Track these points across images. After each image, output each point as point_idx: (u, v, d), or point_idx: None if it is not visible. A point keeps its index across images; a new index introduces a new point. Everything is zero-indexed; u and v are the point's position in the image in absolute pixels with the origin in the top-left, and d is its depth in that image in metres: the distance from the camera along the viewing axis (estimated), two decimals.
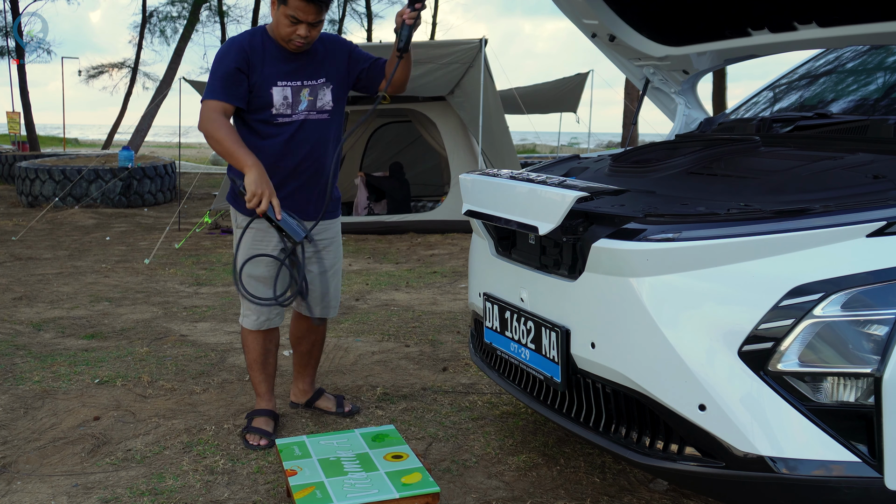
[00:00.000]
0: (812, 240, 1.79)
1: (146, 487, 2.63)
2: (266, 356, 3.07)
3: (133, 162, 11.74)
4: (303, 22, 2.72)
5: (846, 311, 1.72)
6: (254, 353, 3.06)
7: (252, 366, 3.08)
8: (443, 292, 5.87)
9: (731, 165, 2.42)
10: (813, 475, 1.75)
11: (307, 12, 2.70)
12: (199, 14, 20.45)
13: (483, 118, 8.11)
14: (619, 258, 2.00)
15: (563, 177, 2.48)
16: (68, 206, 10.96)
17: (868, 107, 2.89)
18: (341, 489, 2.32)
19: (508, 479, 2.70)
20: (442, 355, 4.15)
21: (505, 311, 2.54)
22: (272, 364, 3.11)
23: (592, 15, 3.15)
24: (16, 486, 2.65)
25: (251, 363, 3.08)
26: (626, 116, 14.49)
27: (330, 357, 4.12)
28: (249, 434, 2.98)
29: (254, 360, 3.07)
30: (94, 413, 3.28)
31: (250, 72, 2.78)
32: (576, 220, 2.16)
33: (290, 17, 2.71)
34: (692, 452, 1.95)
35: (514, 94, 11.42)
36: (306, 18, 2.72)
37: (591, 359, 2.13)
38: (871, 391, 1.71)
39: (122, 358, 4.08)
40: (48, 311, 5.17)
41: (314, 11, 2.71)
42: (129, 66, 24.51)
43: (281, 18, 2.74)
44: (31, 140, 18.44)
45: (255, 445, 2.93)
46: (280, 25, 2.75)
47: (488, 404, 3.41)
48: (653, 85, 3.56)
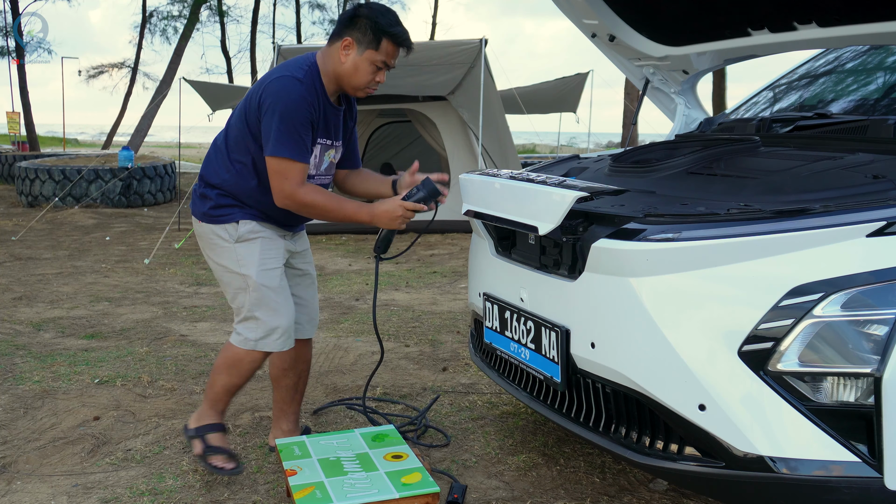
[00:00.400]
0: (812, 240, 1.79)
1: (146, 487, 2.63)
2: (251, 377, 2.70)
3: (133, 162, 11.74)
4: (388, 67, 2.47)
5: (846, 310, 1.72)
6: (247, 376, 2.65)
7: (232, 389, 2.67)
8: (443, 292, 5.87)
9: (731, 165, 2.42)
10: (813, 475, 1.75)
11: (396, 55, 2.47)
12: (199, 14, 20.45)
13: (484, 118, 8.11)
14: (618, 258, 2.00)
15: (562, 177, 2.48)
16: (68, 206, 10.96)
17: (868, 107, 2.90)
18: (341, 489, 2.32)
19: (508, 479, 2.70)
20: (442, 355, 4.15)
21: (505, 311, 2.54)
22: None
23: (592, 15, 3.15)
24: (16, 486, 2.65)
25: (234, 386, 2.66)
26: (626, 116, 14.48)
27: (330, 357, 4.12)
28: (213, 456, 2.65)
29: (242, 382, 2.67)
30: (94, 413, 3.28)
31: (312, 128, 2.47)
32: (575, 220, 2.16)
33: (376, 64, 2.43)
34: (692, 452, 1.95)
35: (514, 95, 11.42)
36: (393, 63, 2.48)
37: (591, 359, 2.13)
38: (870, 391, 1.71)
39: (122, 358, 4.08)
40: (48, 311, 5.17)
41: (401, 53, 2.49)
42: (129, 66, 24.55)
43: (364, 65, 2.43)
44: (30, 140, 18.45)
45: (223, 469, 2.63)
46: (360, 73, 2.44)
47: (488, 404, 3.41)
48: (653, 85, 3.56)
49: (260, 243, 2.56)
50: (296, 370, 2.85)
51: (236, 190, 2.54)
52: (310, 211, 2.46)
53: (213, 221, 2.56)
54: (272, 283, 2.56)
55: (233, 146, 2.53)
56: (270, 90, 2.40)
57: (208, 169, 2.59)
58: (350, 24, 2.44)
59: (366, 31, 2.41)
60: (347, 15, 2.46)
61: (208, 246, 2.62)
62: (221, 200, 2.55)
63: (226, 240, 2.56)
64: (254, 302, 2.54)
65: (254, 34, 25.79)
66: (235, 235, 2.54)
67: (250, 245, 2.55)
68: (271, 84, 2.41)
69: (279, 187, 2.41)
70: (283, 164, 2.38)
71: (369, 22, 2.41)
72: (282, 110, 2.35)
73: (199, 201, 2.60)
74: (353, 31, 2.43)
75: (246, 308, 2.56)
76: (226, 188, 2.55)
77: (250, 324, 2.57)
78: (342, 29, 2.45)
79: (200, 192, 2.60)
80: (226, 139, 2.58)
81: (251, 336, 2.57)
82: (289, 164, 2.38)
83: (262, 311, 2.55)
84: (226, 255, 2.57)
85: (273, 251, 2.59)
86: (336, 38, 2.46)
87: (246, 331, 2.58)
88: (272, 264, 2.58)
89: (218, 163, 2.56)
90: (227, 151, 2.55)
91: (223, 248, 2.57)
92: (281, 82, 2.39)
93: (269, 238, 2.58)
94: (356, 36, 2.42)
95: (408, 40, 2.46)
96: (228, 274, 2.59)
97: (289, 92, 2.37)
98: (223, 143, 2.58)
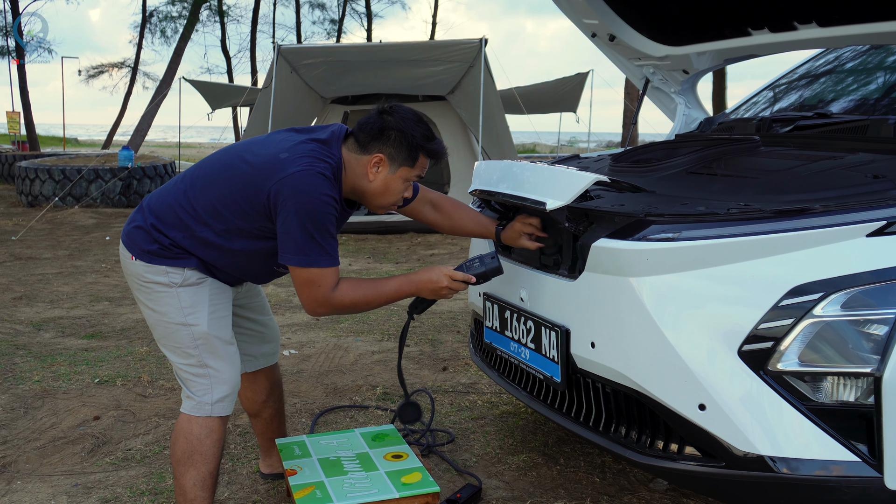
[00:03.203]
0: (812, 240, 1.79)
1: (146, 487, 2.63)
2: (220, 457, 2.24)
3: (133, 161, 11.74)
4: (420, 179, 2.23)
5: (846, 310, 1.72)
6: (215, 456, 2.19)
7: (208, 480, 2.17)
8: None
9: (731, 165, 2.42)
10: (813, 475, 1.75)
11: (427, 168, 2.21)
12: (199, 14, 20.47)
13: (483, 118, 8.11)
14: (619, 258, 2.00)
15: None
16: (68, 205, 10.96)
17: (868, 107, 2.90)
18: (341, 489, 2.32)
19: (508, 479, 2.70)
20: (442, 355, 4.15)
21: (505, 310, 2.54)
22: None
23: (592, 15, 3.15)
24: (16, 485, 2.65)
25: (209, 475, 2.17)
26: (626, 116, 14.49)
27: (330, 357, 4.12)
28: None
29: (214, 468, 2.19)
30: (94, 413, 3.28)
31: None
32: (580, 213, 2.17)
33: (410, 180, 2.17)
34: (692, 452, 1.95)
35: (514, 94, 11.43)
36: (424, 174, 2.21)
37: (591, 358, 2.13)
38: (870, 391, 1.71)
39: (122, 358, 4.08)
40: (48, 311, 5.17)
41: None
42: (129, 66, 24.56)
43: (396, 184, 2.14)
44: (31, 140, 18.47)
45: None
46: (390, 193, 2.16)
47: (488, 404, 3.41)
48: (653, 85, 3.56)
49: (209, 287, 2.16)
50: (274, 397, 2.59)
51: (197, 251, 2.13)
52: (350, 311, 2.14)
53: (153, 261, 2.11)
54: (225, 334, 2.18)
55: (208, 210, 2.09)
56: (292, 185, 1.99)
57: (166, 215, 2.12)
58: (380, 138, 2.10)
59: (400, 147, 2.10)
60: (375, 126, 2.11)
61: (141, 289, 2.15)
62: (173, 249, 2.12)
63: (165, 284, 2.12)
64: (204, 352, 2.15)
65: (254, 34, 25.81)
66: (180, 279, 2.12)
67: (197, 290, 2.14)
68: (293, 179, 2.00)
69: (312, 297, 2.06)
70: (315, 273, 2.04)
71: (403, 136, 2.10)
72: (309, 213, 1.99)
73: (141, 236, 2.12)
74: (384, 146, 2.10)
75: (194, 363, 2.15)
76: (183, 246, 2.12)
77: (203, 382, 2.15)
78: (370, 142, 2.11)
79: (146, 228, 2.12)
80: (195, 193, 2.11)
81: (207, 398, 2.15)
82: (322, 272, 2.04)
83: (214, 360, 2.16)
84: (165, 300, 2.12)
85: (222, 297, 2.20)
86: (363, 150, 2.11)
87: (200, 392, 2.15)
88: (223, 312, 2.20)
89: (178, 218, 2.11)
90: (196, 211, 2.10)
91: (161, 294, 2.12)
92: (305, 178, 2.00)
93: (217, 283, 2.19)
94: (389, 152, 2.10)
95: (443, 152, 2.20)
96: (168, 325, 2.14)
97: (317, 190, 2.00)
98: (190, 197, 2.11)
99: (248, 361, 2.47)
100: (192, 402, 2.16)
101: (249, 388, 2.52)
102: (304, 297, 2.08)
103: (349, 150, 2.14)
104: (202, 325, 2.13)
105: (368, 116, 2.16)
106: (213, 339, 2.14)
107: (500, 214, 2.56)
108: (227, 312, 2.22)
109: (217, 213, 2.08)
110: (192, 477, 2.15)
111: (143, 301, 2.17)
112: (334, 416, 3.28)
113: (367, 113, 2.19)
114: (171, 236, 2.10)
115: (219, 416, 2.17)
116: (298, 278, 2.05)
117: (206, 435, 2.15)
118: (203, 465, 2.15)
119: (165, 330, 2.15)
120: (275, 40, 24.28)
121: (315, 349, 4.25)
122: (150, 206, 2.16)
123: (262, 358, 2.51)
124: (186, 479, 2.15)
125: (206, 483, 2.16)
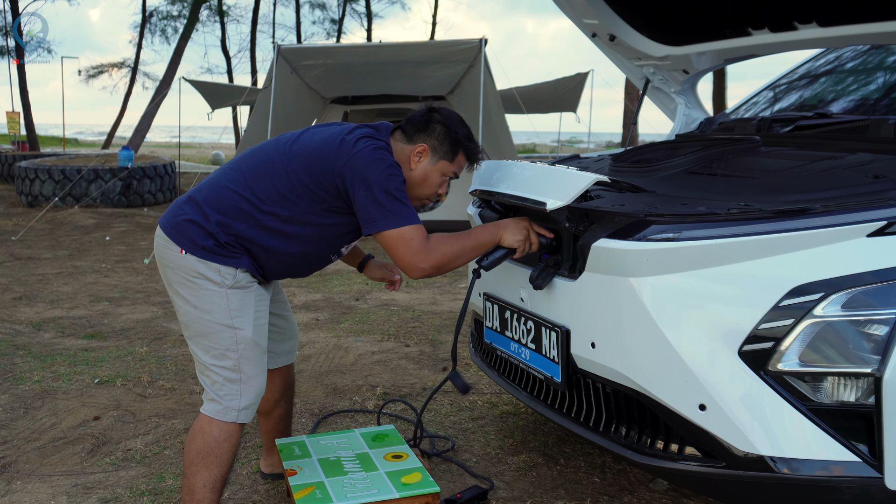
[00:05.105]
0: (812, 240, 1.79)
1: (146, 487, 2.63)
2: (233, 462, 2.29)
3: (133, 162, 11.74)
4: (455, 177, 2.32)
5: (846, 310, 1.72)
6: (229, 460, 2.19)
7: (218, 484, 2.18)
8: (443, 292, 5.87)
9: (731, 165, 2.42)
10: (813, 475, 1.75)
11: (463, 169, 2.32)
12: (199, 14, 20.46)
13: (483, 118, 8.11)
14: (619, 258, 2.00)
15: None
16: (68, 205, 10.96)
17: (868, 107, 2.90)
18: (341, 489, 2.32)
19: (508, 479, 2.70)
20: (442, 355, 4.15)
21: (505, 310, 2.54)
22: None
23: (592, 15, 3.15)
24: (16, 485, 2.65)
25: (219, 479, 2.18)
26: (626, 116, 14.49)
27: (330, 357, 4.12)
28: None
29: (226, 472, 2.20)
30: (94, 413, 3.28)
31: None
32: (580, 213, 2.16)
33: (447, 175, 2.26)
34: (692, 452, 1.95)
35: (514, 94, 11.42)
36: (459, 176, 2.32)
37: (592, 358, 2.13)
38: (871, 391, 1.71)
39: (122, 358, 4.08)
40: (48, 311, 5.17)
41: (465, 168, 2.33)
42: (129, 66, 24.57)
43: (434, 176, 2.24)
44: (30, 140, 18.47)
45: None
46: (428, 183, 2.25)
47: (488, 404, 3.41)
48: (653, 85, 3.56)
49: (255, 293, 2.18)
50: (286, 396, 2.61)
51: (254, 245, 2.15)
52: (446, 259, 2.15)
53: (207, 257, 2.10)
54: (263, 342, 2.21)
55: (273, 197, 2.13)
56: (365, 158, 2.08)
57: (226, 207, 2.13)
58: (425, 129, 2.23)
59: (443, 141, 2.22)
60: (423, 120, 2.25)
61: (187, 284, 2.13)
62: (228, 247, 2.12)
63: (216, 283, 2.11)
64: (244, 357, 2.15)
65: (254, 34, 25.78)
66: (232, 280, 2.12)
67: (245, 294, 2.15)
68: (364, 154, 2.09)
69: (411, 252, 2.09)
70: (408, 231, 2.09)
71: (447, 131, 2.22)
72: (388, 178, 2.08)
73: (195, 230, 2.11)
74: (429, 137, 2.22)
75: (230, 366, 2.14)
76: (248, 236, 2.14)
77: (233, 388, 2.15)
78: (415, 133, 2.23)
79: (200, 223, 2.12)
80: (257, 183, 2.14)
81: (234, 404, 2.15)
82: (413, 228, 2.10)
83: (250, 367, 2.17)
84: (212, 299, 2.12)
85: (263, 305, 2.23)
86: (408, 140, 2.24)
87: (228, 397, 2.14)
88: (263, 319, 2.22)
89: (241, 210, 2.13)
90: (260, 198, 2.12)
91: (209, 292, 2.11)
92: (376, 153, 2.10)
93: (260, 290, 2.22)
94: (432, 144, 2.22)
95: (480, 156, 2.33)
96: (211, 325, 2.13)
97: (387, 160, 2.11)
98: (252, 186, 2.14)
99: (270, 358, 2.46)
100: (217, 406, 2.15)
101: (266, 385, 2.44)
102: (403, 255, 2.10)
103: (395, 140, 2.25)
104: (247, 329, 2.14)
105: (416, 112, 2.29)
106: (253, 346, 2.16)
107: (501, 214, 2.57)
108: (266, 321, 2.24)
109: (284, 199, 2.12)
110: (203, 478, 2.15)
111: (186, 296, 2.14)
112: (334, 416, 3.27)
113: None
114: (237, 229, 2.12)
115: (241, 423, 2.17)
116: (393, 240, 2.09)
117: (224, 439, 2.16)
118: (216, 468, 2.16)
119: (205, 328, 2.13)
120: (275, 40, 24.29)
121: (315, 349, 4.25)
122: (206, 199, 2.14)
123: (284, 356, 2.54)
124: (197, 480, 2.15)
125: (216, 486, 2.17)
